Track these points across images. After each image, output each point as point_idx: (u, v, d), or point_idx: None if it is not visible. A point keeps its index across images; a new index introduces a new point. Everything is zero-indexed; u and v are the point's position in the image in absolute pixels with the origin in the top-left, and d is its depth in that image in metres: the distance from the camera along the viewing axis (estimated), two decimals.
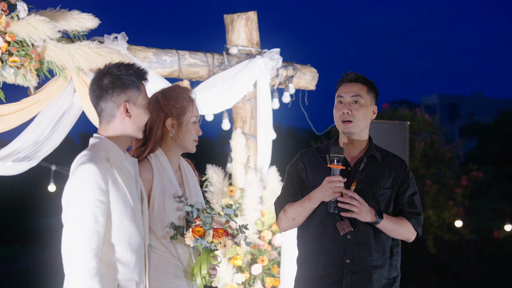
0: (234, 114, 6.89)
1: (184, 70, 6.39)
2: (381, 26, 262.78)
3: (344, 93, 4.32)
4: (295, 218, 4.32)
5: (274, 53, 6.75)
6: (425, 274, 18.47)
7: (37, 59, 5.17)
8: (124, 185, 3.60)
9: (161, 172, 4.04)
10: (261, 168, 6.76)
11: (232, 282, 6.42)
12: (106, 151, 3.62)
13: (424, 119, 14.80)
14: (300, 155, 4.46)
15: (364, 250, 4.22)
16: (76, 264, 3.40)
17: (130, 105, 3.66)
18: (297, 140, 26.94)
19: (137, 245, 3.66)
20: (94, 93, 3.67)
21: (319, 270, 4.26)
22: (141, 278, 3.68)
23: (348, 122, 4.28)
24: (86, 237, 3.42)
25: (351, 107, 4.28)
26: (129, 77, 3.64)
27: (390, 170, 4.33)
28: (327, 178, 4.12)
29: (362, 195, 4.20)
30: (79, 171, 3.50)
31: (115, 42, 5.79)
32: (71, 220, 3.46)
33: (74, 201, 3.46)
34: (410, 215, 4.32)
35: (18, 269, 18.46)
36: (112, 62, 3.75)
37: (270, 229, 6.62)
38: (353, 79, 4.35)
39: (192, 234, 3.87)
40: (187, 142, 4.11)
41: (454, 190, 14.28)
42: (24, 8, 5.08)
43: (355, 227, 4.21)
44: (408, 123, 8.45)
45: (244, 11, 6.85)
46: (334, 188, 4.09)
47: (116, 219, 3.56)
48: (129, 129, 3.69)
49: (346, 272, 4.20)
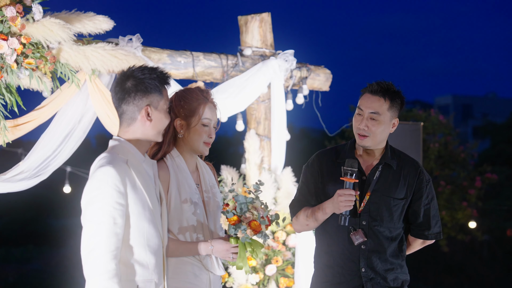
0: (248, 115, 6.89)
1: (199, 71, 6.39)
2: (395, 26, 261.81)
3: (364, 107, 4.20)
4: (308, 224, 4.31)
5: (288, 54, 6.74)
6: (438, 275, 18.41)
7: (52, 61, 5.18)
8: (142, 187, 3.62)
9: (178, 173, 4.05)
10: (275, 169, 6.76)
11: (246, 283, 6.43)
12: (125, 153, 3.63)
13: (438, 120, 14.76)
14: (316, 158, 4.39)
15: (378, 258, 4.23)
16: (95, 265, 3.42)
17: (152, 109, 3.66)
18: (311, 141, 26.94)
19: (156, 247, 3.68)
20: (116, 95, 3.68)
21: (333, 277, 4.26)
22: (160, 280, 3.70)
23: (364, 137, 4.20)
24: (105, 239, 3.44)
25: (368, 123, 4.18)
26: (152, 81, 3.65)
27: (404, 178, 4.29)
28: (338, 191, 4.07)
29: (376, 205, 4.20)
30: (98, 173, 3.51)
31: (129, 44, 5.79)
32: (90, 222, 3.48)
33: (93, 204, 3.48)
34: (432, 236, 4.38)
35: (32, 270, 18.48)
36: (127, 64, 3.76)
37: (285, 229, 6.62)
38: (376, 91, 4.19)
39: (253, 231, 3.87)
40: (196, 143, 4.10)
41: (468, 191, 14.24)
42: (39, 10, 5.09)
43: (369, 236, 4.21)
44: (421, 124, 8.44)
45: (258, 12, 6.84)
46: (345, 202, 4.04)
47: (135, 221, 3.58)
48: (149, 132, 3.70)
49: (366, 280, 4.20)
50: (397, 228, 4.27)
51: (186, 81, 6.24)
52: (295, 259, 6.51)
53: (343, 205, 4.04)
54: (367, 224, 4.20)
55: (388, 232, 4.24)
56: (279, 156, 6.80)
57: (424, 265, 17.53)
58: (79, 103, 5.66)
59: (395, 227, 4.26)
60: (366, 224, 4.20)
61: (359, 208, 4.20)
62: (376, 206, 4.20)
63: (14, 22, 4.95)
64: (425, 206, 4.31)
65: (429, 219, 4.33)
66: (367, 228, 4.19)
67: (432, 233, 4.36)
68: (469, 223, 13.97)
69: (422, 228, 4.35)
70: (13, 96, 5.21)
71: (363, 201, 4.21)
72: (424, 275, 17.68)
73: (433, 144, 14.18)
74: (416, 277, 4.25)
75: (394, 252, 4.28)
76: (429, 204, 4.32)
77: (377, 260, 4.21)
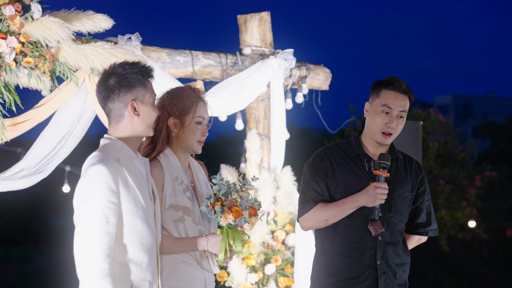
0: (248, 115, 6.88)
1: (198, 70, 6.39)
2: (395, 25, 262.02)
3: (394, 105, 4.18)
4: (328, 219, 4.21)
5: (287, 53, 6.74)
6: (439, 274, 18.42)
7: (51, 60, 5.18)
8: (135, 185, 3.60)
9: (172, 171, 4.06)
10: (274, 168, 6.75)
11: (246, 282, 6.43)
12: (116, 151, 3.62)
13: (437, 119, 14.77)
14: (324, 153, 4.33)
15: (393, 251, 4.25)
16: (88, 265, 3.41)
17: (138, 103, 3.64)
18: (310, 140, 26.93)
19: (150, 245, 3.67)
20: (101, 94, 3.67)
21: (348, 271, 4.22)
22: (154, 278, 3.69)
23: (388, 136, 4.20)
24: (97, 238, 3.42)
25: (397, 122, 4.18)
26: (134, 75, 3.63)
27: (410, 172, 4.33)
28: (374, 184, 4.08)
29: (390, 196, 4.21)
30: (89, 172, 3.50)
31: (129, 43, 5.78)
32: (82, 221, 3.46)
33: (84, 203, 3.47)
34: (431, 232, 4.42)
35: (31, 269, 18.50)
36: (130, 61, 3.75)
37: (284, 229, 6.62)
38: (405, 90, 4.20)
39: (232, 214, 3.87)
40: (189, 142, 4.11)
41: (468, 190, 14.25)
42: (38, 9, 5.08)
43: (385, 227, 4.22)
44: (421, 123, 8.43)
45: (257, 11, 6.84)
46: (381, 194, 4.06)
47: (128, 219, 3.57)
48: (138, 127, 3.68)
49: (380, 273, 4.20)
50: (404, 222, 4.32)
51: (185, 80, 6.24)
52: (294, 258, 6.51)
53: (379, 197, 4.07)
54: (383, 215, 4.22)
55: (399, 224, 4.27)
56: (279, 155, 6.79)
57: (424, 264, 17.53)
58: (78, 102, 5.66)
59: (404, 220, 4.30)
60: (382, 216, 4.21)
61: None
62: (390, 197, 4.21)
63: (13, 20, 4.95)
64: (427, 201, 4.38)
65: (430, 215, 4.39)
66: (382, 219, 4.21)
67: (432, 229, 4.41)
68: (468, 223, 13.98)
69: (423, 224, 4.38)
70: (11, 95, 5.20)
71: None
72: (424, 274, 17.68)
73: (432, 143, 14.19)
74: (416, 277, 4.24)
75: (403, 246, 4.32)
76: (429, 200, 4.40)
77: (391, 252, 4.23)
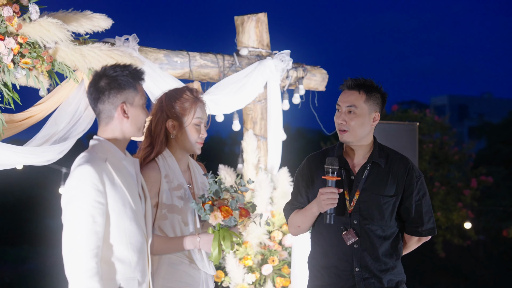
0: (245, 115, 6.89)
1: (195, 71, 6.40)
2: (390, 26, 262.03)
3: (341, 102, 4.29)
4: (300, 226, 4.39)
5: (284, 54, 6.76)
6: (435, 275, 18.43)
7: (49, 60, 5.18)
8: (123, 185, 3.62)
9: (169, 173, 4.07)
10: (271, 169, 6.76)
11: (243, 282, 6.44)
12: (104, 152, 3.64)
13: (433, 120, 14.78)
14: (307, 161, 4.46)
15: (371, 258, 4.24)
16: (76, 264, 3.44)
17: (127, 105, 3.67)
18: (307, 141, 26.93)
19: (139, 244, 3.68)
20: (91, 95, 3.69)
21: (329, 278, 4.29)
22: (143, 278, 3.70)
23: (343, 132, 4.25)
24: (84, 238, 3.45)
25: (346, 117, 4.24)
26: (125, 77, 3.66)
27: (393, 176, 4.31)
28: (320, 190, 4.12)
29: (366, 204, 4.23)
30: (76, 173, 3.53)
31: (126, 44, 5.79)
32: (70, 221, 3.50)
33: (71, 203, 3.50)
34: (426, 232, 4.39)
35: (27, 270, 18.48)
36: (121, 63, 3.77)
37: (281, 229, 6.63)
38: (352, 86, 4.28)
39: (221, 214, 3.88)
40: (188, 143, 4.12)
41: (463, 192, 14.26)
42: (36, 10, 5.08)
43: (361, 235, 4.24)
44: (417, 124, 8.45)
45: (254, 12, 6.85)
46: (327, 200, 4.08)
47: (115, 219, 3.58)
48: (127, 129, 3.71)
49: (359, 280, 4.22)
50: (390, 227, 4.29)
51: (183, 81, 6.23)
52: (291, 258, 6.52)
53: (325, 203, 4.09)
54: (358, 223, 4.24)
55: (380, 231, 4.26)
56: (276, 156, 6.80)
57: (420, 265, 17.55)
58: (78, 100, 5.66)
59: (387, 226, 4.28)
60: (357, 223, 4.24)
61: (349, 207, 4.24)
62: (366, 205, 4.23)
63: (11, 22, 4.95)
64: (417, 202, 4.33)
65: (422, 215, 4.34)
66: (358, 227, 4.23)
67: (426, 229, 4.37)
68: (464, 224, 13.99)
69: (415, 225, 4.36)
70: (10, 93, 5.20)
71: (352, 200, 4.25)
72: (420, 275, 17.69)
73: (426, 145, 14.19)
74: (412, 277, 4.26)
75: (387, 251, 4.29)
76: (421, 200, 4.34)
77: (369, 259, 4.23)
